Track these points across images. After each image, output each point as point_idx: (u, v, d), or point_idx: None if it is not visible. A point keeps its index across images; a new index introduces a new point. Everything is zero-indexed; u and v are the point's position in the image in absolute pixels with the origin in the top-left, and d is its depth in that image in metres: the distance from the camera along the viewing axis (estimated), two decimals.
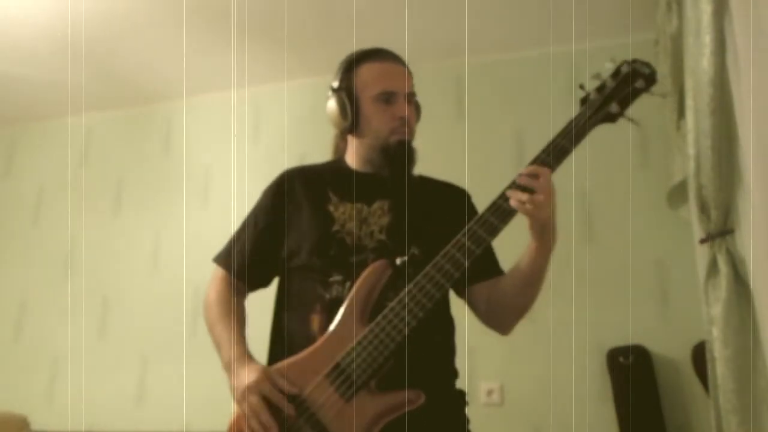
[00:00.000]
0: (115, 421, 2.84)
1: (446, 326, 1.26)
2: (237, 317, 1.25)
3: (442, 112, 2.93)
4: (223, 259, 1.34)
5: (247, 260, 1.30)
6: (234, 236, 1.35)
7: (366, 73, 1.29)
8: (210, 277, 1.35)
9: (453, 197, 1.36)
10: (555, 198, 1.08)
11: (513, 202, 1.06)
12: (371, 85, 1.27)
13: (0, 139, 3.64)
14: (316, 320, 1.15)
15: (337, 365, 1.05)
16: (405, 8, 2.64)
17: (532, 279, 1.16)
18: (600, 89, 1.15)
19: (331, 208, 1.24)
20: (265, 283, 1.33)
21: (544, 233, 1.10)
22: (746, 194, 1.58)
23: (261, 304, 1.33)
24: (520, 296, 1.20)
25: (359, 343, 1.05)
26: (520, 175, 1.07)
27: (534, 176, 1.06)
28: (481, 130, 2.84)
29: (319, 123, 1.40)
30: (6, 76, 3.15)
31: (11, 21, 2.73)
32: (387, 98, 1.26)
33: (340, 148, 1.39)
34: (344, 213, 1.23)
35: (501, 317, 1.25)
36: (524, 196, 1.04)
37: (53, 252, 3.27)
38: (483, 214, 1.09)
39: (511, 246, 1.23)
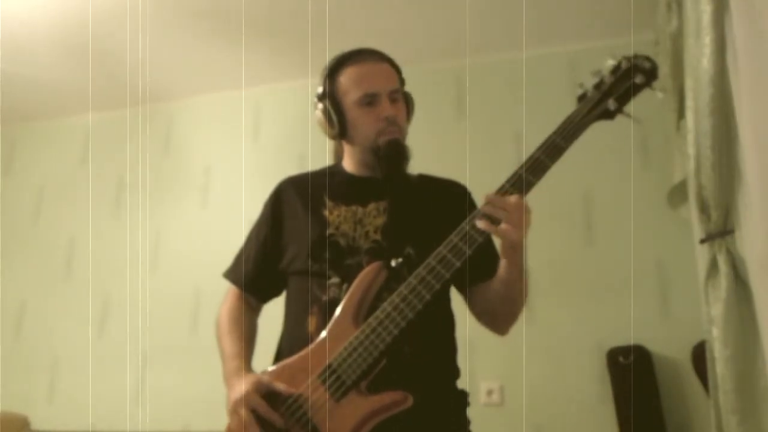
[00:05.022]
0: (115, 421, 2.84)
1: (446, 322, 1.26)
2: (242, 332, 1.28)
3: (442, 112, 2.93)
4: (232, 274, 1.37)
5: (252, 273, 1.33)
6: (240, 251, 1.39)
7: (345, 78, 1.28)
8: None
9: (452, 194, 1.35)
10: (529, 217, 1.05)
11: (481, 225, 1.04)
12: (352, 89, 1.26)
13: (0, 139, 3.65)
14: (313, 322, 1.16)
15: (329, 366, 1.06)
16: (405, 8, 2.64)
17: (507, 293, 1.16)
18: (598, 86, 1.13)
19: (326, 213, 1.25)
20: (276, 293, 1.35)
21: (512, 254, 1.09)
22: (746, 194, 1.57)
23: (278, 312, 1.35)
24: (503, 305, 1.20)
25: (350, 344, 1.06)
26: (487, 203, 1.05)
27: (500, 207, 1.04)
28: (481, 130, 2.84)
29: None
30: (6, 76, 3.15)
31: (12, 20, 2.72)
32: (369, 101, 1.25)
33: (339, 153, 1.40)
34: (338, 216, 1.24)
35: (493, 320, 1.27)
36: (491, 225, 1.03)
37: (53, 252, 3.27)
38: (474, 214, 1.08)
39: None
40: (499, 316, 1.25)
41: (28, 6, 2.63)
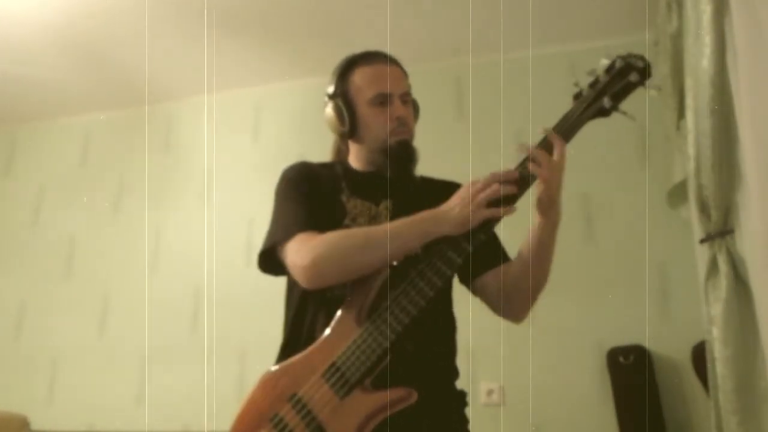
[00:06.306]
0: (115, 421, 2.84)
1: (448, 325, 1.26)
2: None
3: (442, 112, 2.93)
4: (280, 236, 1.18)
5: (309, 211, 1.20)
6: (273, 221, 1.24)
7: (359, 77, 1.29)
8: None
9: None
10: (564, 173, 1.11)
11: (531, 166, 1.09)
12: (365, 88, 1.28)
13: (0, 139, 3.65)
14: (318, 319, 1.16)
15: (333, 364, 1.06)
16: (405, 8, 2.64)
17: (539, 256, 1.16)
18: (593, 84, 1.16)
19: (344, 199, 1.24)
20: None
21: (550, 207, 1.12)
22: (746, 194, 1.58)
23: (276, 305, 1.33)
24: (529, 277, 1.19)
25: (354, 341, 1.06)
26: (536, 146, 1.11)
27: (550, 146, 1.10)
28: (481, 130, 2.84)
29: (319, 123, 1.40)
30: (6, 76, 3.15)
31: (12, 20, 2.73)
32: (382, 100, 1.26)
33: (341, 152, 1.40)
34: (355, 207, 1.24)
35: (514, 303, 1.25)
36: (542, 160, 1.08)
37: (53, 252, 3.27)
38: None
39: (516, 239, 1.24)
40: (522, 296, 1.22)
41: (28, 6, 2.63)
